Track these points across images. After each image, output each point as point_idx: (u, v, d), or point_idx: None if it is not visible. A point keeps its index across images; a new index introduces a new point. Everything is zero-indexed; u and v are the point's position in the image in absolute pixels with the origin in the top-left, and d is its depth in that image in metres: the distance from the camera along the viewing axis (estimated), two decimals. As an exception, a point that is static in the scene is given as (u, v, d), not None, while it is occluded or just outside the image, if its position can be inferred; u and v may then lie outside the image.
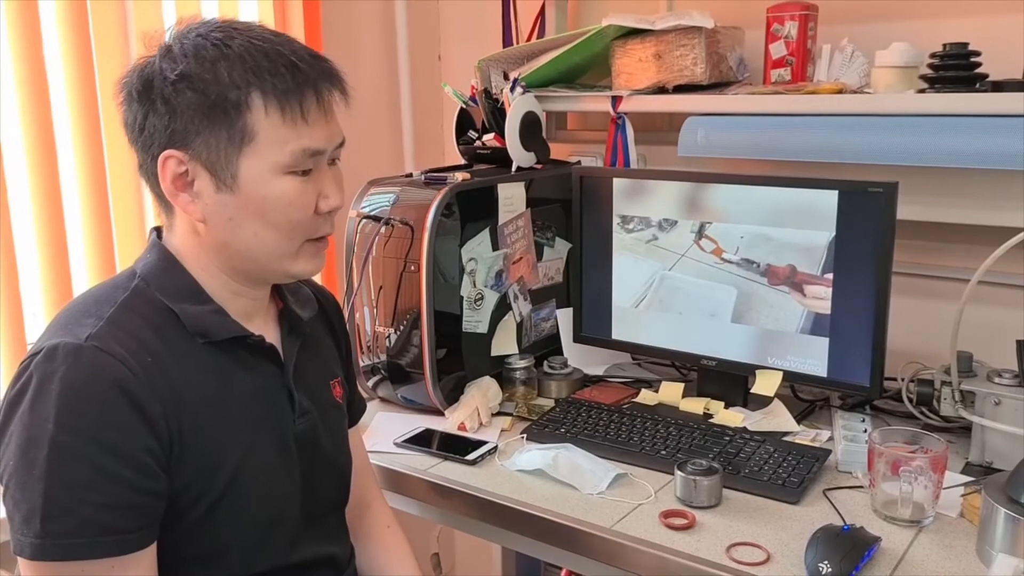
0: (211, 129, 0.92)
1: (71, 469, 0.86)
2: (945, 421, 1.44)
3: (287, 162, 0.94)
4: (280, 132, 0.93)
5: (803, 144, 1.54)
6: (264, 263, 1.00)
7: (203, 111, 0.91)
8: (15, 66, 1.43)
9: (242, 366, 1.01)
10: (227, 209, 0.95)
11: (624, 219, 1.65)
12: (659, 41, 1.66)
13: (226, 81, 0.91)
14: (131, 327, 0.93)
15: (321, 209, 0.99)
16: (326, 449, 1.12)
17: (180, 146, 0.93)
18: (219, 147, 0.92)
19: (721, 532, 1.18)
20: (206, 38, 0.92)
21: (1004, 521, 1.06)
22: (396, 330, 1.55)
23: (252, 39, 0.93)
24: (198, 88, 0.91)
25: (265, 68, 0.91)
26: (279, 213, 0.96)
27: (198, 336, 0.97)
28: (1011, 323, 1.50)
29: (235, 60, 0.91)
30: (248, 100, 0.91)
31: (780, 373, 1.50)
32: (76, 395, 0.87)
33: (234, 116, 0.91)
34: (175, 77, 0.91)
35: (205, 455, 0.95)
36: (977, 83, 1.43)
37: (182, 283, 0.99)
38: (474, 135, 1.80)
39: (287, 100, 0.92)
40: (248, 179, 0.94)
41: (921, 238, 1.60)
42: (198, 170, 0.94)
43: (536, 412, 1.57)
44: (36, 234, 1.49)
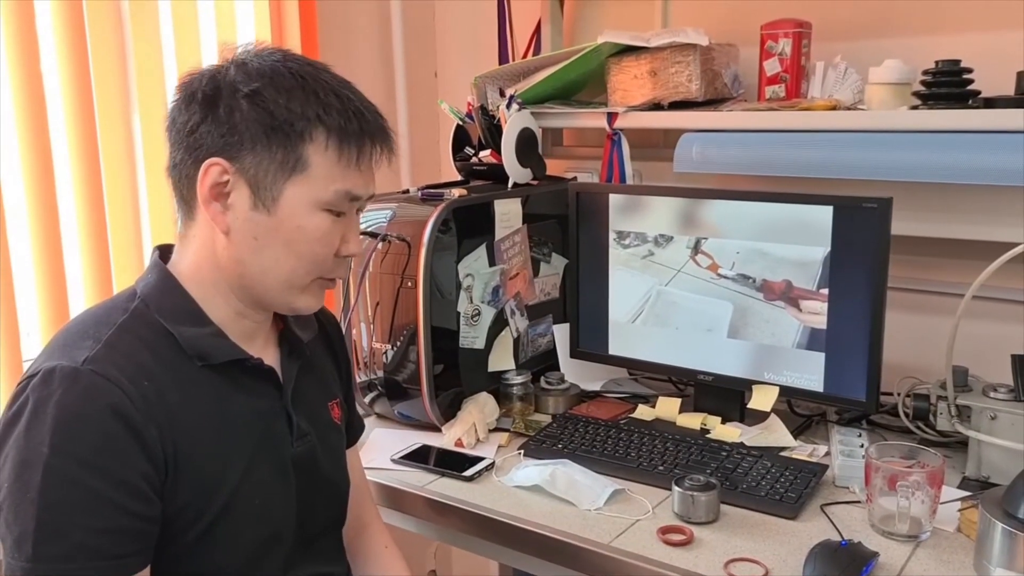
0: (267, 149, 0.94)
1: (64, 493, 0.86)
2: (941, 436, 1.44)
3: (328, 199, 0.97)
4: (332, 170, 0.96)
5: (798, 160, 1.55)
6: (272, 289, 1.00)
7: (265, 130, 0.93)
8: (11, 70, 1.43)
9: (240, 389, 1.01)
10: (256, 228, 0.96)
11: (620, 235, 1.66)
12: (654, 58, 1.68)
13: (297, 110, 0.93)
14: (129, 350, 0.93)
15: (342, 252, 1.01)
16: (324, 471, 1.12)
17: (229, 156, 0.94)
18: (269, 168, 0.94)
19: (719, 548, 1.18)
20: (284, 65, 0.96)
21: (1001, 536, 1.06)
22: (393, 346, 1.55)
23: (329, 79, 0.97)
24: (268, 108, 0.93)
25: (335, 108, 0.95)
26: (306, 245, 0.98)
27: (196, 359, 0.97)
28: (1006, 337, 1.51)
29: (310, 93, 0.94)
30: (312, 132, 0.94)
31: (776, 388, 1.50)
32: (71, 419, 0.87)
33: (295, 142, 0.94)
34: (248, 91, 0.93)
35: (201, 477, 0.95)
36: (970, 100, 1.44)
37: (181, 305, 0.99)
38: (471, 151, 1.81)
39: (347, 142, 0.96)
40: (288, 205, 0.96)
41: (916, 253, 1.61)
42: (239, 184, 0.95)
43: (533, 428, 1.57)
44: (32, 248, 1.49)
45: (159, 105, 1.66)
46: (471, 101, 1.83)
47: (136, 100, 1.63)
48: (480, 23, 2.16)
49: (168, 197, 1.64)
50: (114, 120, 1.59)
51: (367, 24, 2.13)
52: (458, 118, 1.82)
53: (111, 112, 1.58)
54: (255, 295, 1.01)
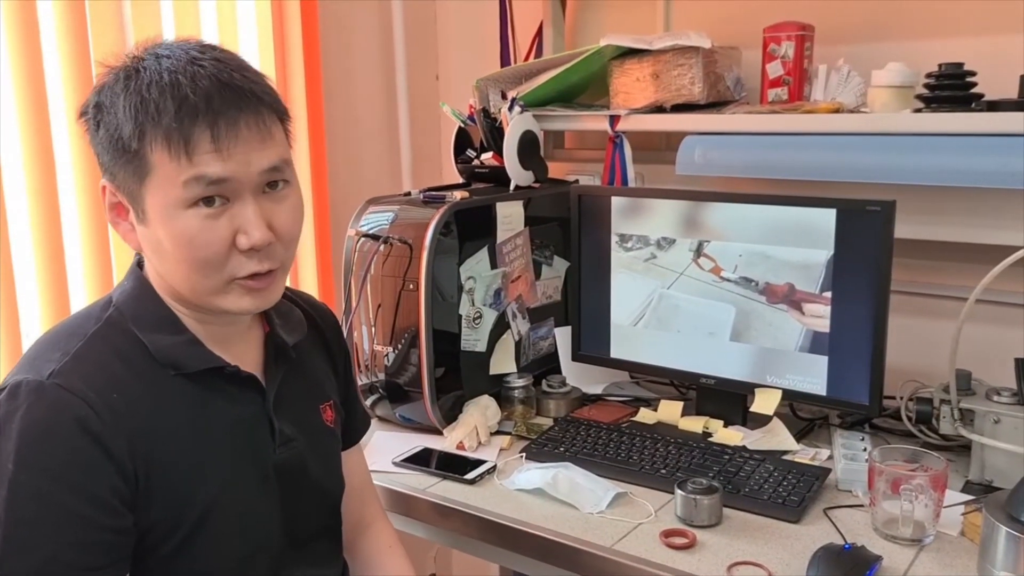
0: (118, 163, 0.91)
1: (32, 508, 0.84)
2: (944, 439, 1.44)
3: (184, 196, 0.89)
4: (170, 167, 0.88)
5: (800, 163, 1.54)
6: (193, 297, 0.96)
7: (110, 144, 0.90)
8: (13, 70, 1.43)
9: (220, 396, 0.98)
10: (150, 242, 0.93)
11: (622, 237, 1.65)
12: (656, 61, 1.67)
13: (122, 116, 0.89)
14: (99, 361, 0.91)
15: (241, 245, 0.91)
16: (313, 476, 1.09)
17: (108, 177, 0.93)
18: (130, 180, 0.91)
19: (722, 551, 1.18)
20: (124, 68, 0.91)
21: (1005, 540, 1.06)
22: (394, 349, 1.55)
23: (161, 67, 0.89)
24: (104, 120, 0.90)
25: (153, 101, 0.88)
26: (187, 250, 0.91)
27: (169, 368, 0.95)
28: (1009, 341, 1.51)
29: (133, 93, 0.88)
30: (140, 136, 0.88)
31: (779, 391, 1.50)
32: (37, 433, 0.86)
33: (132, 152, 0.89)
34: (92, 108, 0.92)
35: (176, 489, 0.93)
36: (973, 103, 1.44)
37: (156, 312, 0.97)
38: (472, 154, 1.81)
39: (170, 136, 0.87)
40: (154, 213, 0.90)
41: (919, 256, 1.61)
42: (125, 201, 0.93)
43: (535, 431, 1.57)
44: (33, 248, 1.48)
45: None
46: (473, 103, 1.83)
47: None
48: (482, 25, 2.16)
49: None
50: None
51: (368, 26, 2.13)
52: (460, 120, 1.82)
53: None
54: (192, 303, 0.97)
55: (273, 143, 0.93)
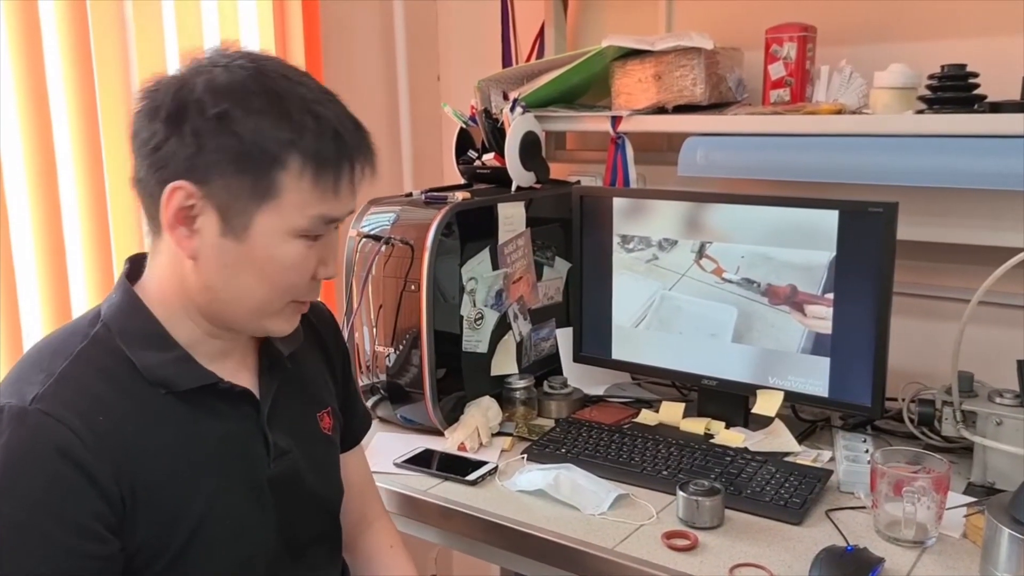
0: (237, 174, 0.87)
1: (14, 539, 0.83)
2: (946, 441, 1.43)
3: (304, 226, 0.91)
4: (307, 197, 0.89)
5: (803, 164, 1.54)
6: (244, 315, 0.95)
7: (234, 156, 0.87)
8: (15, 70, 1.43)
9: (211, 413, 0.96)
10: (226, 256, 0.91)
11: (624, 239, 1.65)
12: (658, 62, 1.67)
13: (268, 135, 0.87)
14: (84, 382, 0.89)
15: (318, 276, 0.96)
16: (309, 485, 1.07)
17: (196, 180, 0.87)
18: (240, 194, 0.88)
19: (724, 553, 1.18)
20: (255, 80, 0.88)
21: (1008, 542, 1.06)
22: (396, 350, 1.55)
23: (305, 95, 0.89)
24: (237, 133, 0.86)
25: (310, 130, 0.88)
26: (280, 274, 0.92)
27: (159, 387, 0.92)
28: (1012, 343, 1.50)
29: (282, 114, 0.87)
30: (285, 158, 0.87)
31: (781, 393, 1.50)
32: (18, 462, 0.84)
33: (266, 169, 0.87)
34: (215, 114, 0.86)
35: (163, 510, 0.91)
36: (975, 104, 1.44)
37: (145, 328, 0.94)
38: (474, 155, 1.81)
39: (324, 168, 0.89)
40: (259, 233, 0.90)
41: (921, 258, 1.61)
42: (207, 209, 0.89)
43: (536, 432, 1.57)
44: (34, 248, 1.48)
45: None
46: (474, 104, 1.83)
47: (139, 101, 1.62)
48: (483, 26, 2.16)
49: None
50: (117, 121, 1.58)
51: (370, 27, 2.13)
52: (461, 121, 1.82)
53: (114, 113, 1.58)
54: (225, 320, 0.96)
55: None
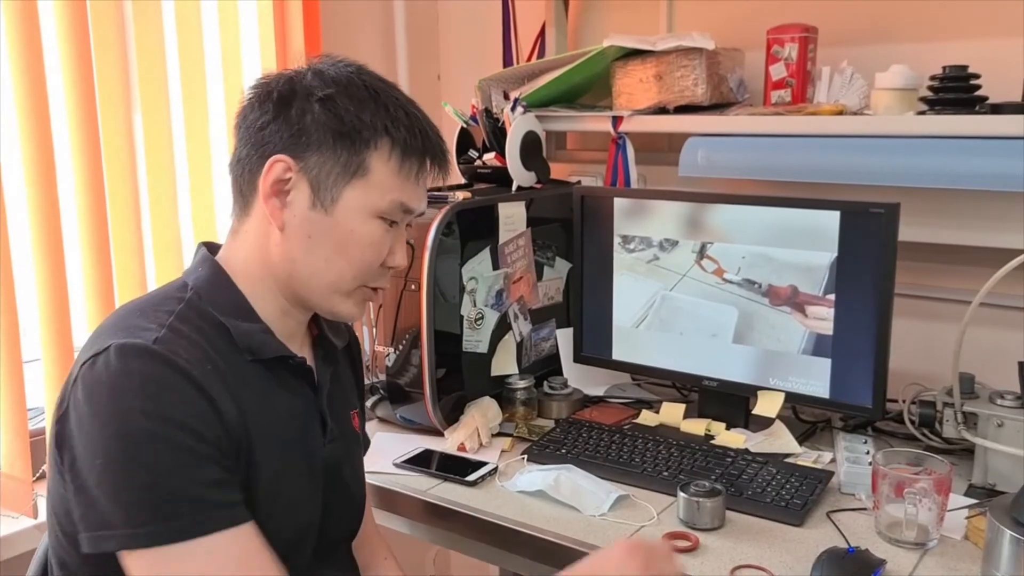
0: (333, 151, 0.97)
1: (170, 453, 0.86)
2: (947, 443, 1.43)
3: (384, 208, 1.00)
4: (391, 180, 0.99)
5: (804, 165, 1.54)
6: (318, 291, 1.02)
7: (333, 133, 0.97)
8: (14, 70, 1.43)
9: (284, 385, 1.02)
10: (312, 227, 0.99)
11: (625, 239, 1.65)
12: (660, 62, 1.67)
13: (366, 119, 0.97)
14: (190, 336, 0.94)
15: (388, 263, 1.04)
16: (346, 477, 1.13)
17: (294, 155, 0.97)
18: (332, 170, 0.97)
19: (725, 554, 1.17)
20: (358, 77, 1.00)
21: (1010, 543, 1.06)
22: (396, 349, 1.54)
23: (397, 96, 1.01)
24: (339, 113, 0.97)
25: (403, 123, 0.99)
26: (358, 249, 1.00)
27: (246, 353, 0.98)
28: (1013, 344, 1.50)
29: (380, 105, 0.98)
30: (378, 141, 0.98)
31: (782, 394, 1.49)
32: (159, 387, 0.88)
33: (360, 148, 0.97)
34: (322, 96, 0.97)
35: (252, 466, 0.96)
36: (976, 105, 1.44)
37: (233, 300, 1.01)
38: (475, 154, 1.80)
39: (410, 155, 1.00)
40: (345, 208, 0.98)
41: (922, 259, 1.61)
42: (301, 182, 0.98)
43: (536, 433, 1.56)
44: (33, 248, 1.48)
45: (161, 105, 1.66)
46: (475, 104, 1.83)
47: (138, 100, 1.62)
48: (484, 26, 2.16)
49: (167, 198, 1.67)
50: (116, 120, 1.58)
51: (370, 26, 2.12)
52: (462, 121, 1.82)
53: (113, 112, 1.58)
54: (301, 295, 1.03)
55: None
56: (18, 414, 1.47)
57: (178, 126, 1.70)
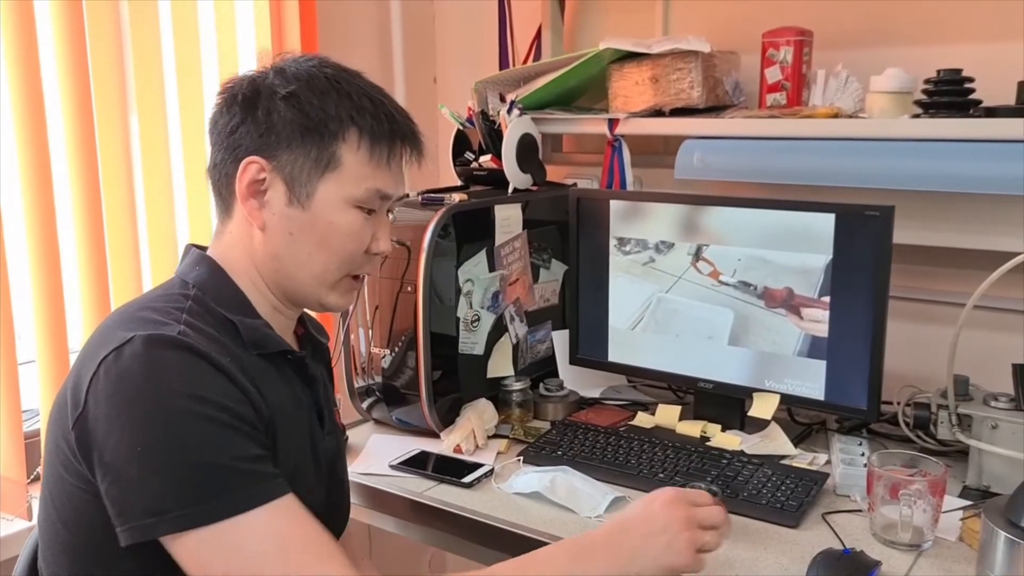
0: (303, 147, 0.98)
1: (212, 432, 0.87)
2: (942, 445, 1.44)
3: (360, 197, 1.01)
4: (364, 169, 1.00)
5: (799, 168, 1.54)
6: (305, 284, 1.04)
7: (301, 129, 0.98)
8: (10, 71, 1.43)
9: (287, 379, 1.04)
10: (291, 223, 1.00)
11: (621, 241, 1.65)
12: (656, 65, 1.68)
13: (331, 111, 0.98)
14: (205, 331, 0.95)
15: (371, 250, 1.04)
16: (339, 469, 1.16)
17: (266, 155, 0.98)
18: (304, 165, 0.98)
19: (720, 556, 1.17)
20: (319, 70, 1.00)
21: (1004, 545, 1.06)
22: (392, 351, 1.54)
23: (362, 83, 1.02)
24: (303, 109, 0.98)
25: (368, 110, 1.00)
26: (338, 240, 1.01)
27: (252, 348, 0.99)
28: (1007, 347, 1.51)
29: (344, 95, 0.99)
30: (345, 132, 0.99)
31: (777, 396, 1.50)
32: (193, 369, 0.89)
33: (328, 141, 0.98)
34: (285, 94, 0.98)
35: (275, 454, 0.96)
36: (971, 109, 1.44)
37: (234, 296, 1.02)
38: (471, 156, 1.81)
39: (379, 142, 1.00)
40: (321, 201, 0.99)
41: (917, 262, 1.61)
42: (276, 181, 0.99)
43: (532, 434, 1.56)
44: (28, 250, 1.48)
45: (158, 107, 1.66)
46: (471, 106, 1.83)
47: (134, 101, 1.62)
48: (480, 28, 2.16)
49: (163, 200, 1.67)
50: (112, 120, 1.58)
51: (367, 28, 2.12)
52: (458, 123, 1.82)
53: (109, 112, 1.57)
54: (288, 291, 1.05)
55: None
56: (13, 416, 1.47)
57: (174, 128, 1.69)
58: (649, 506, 1.00)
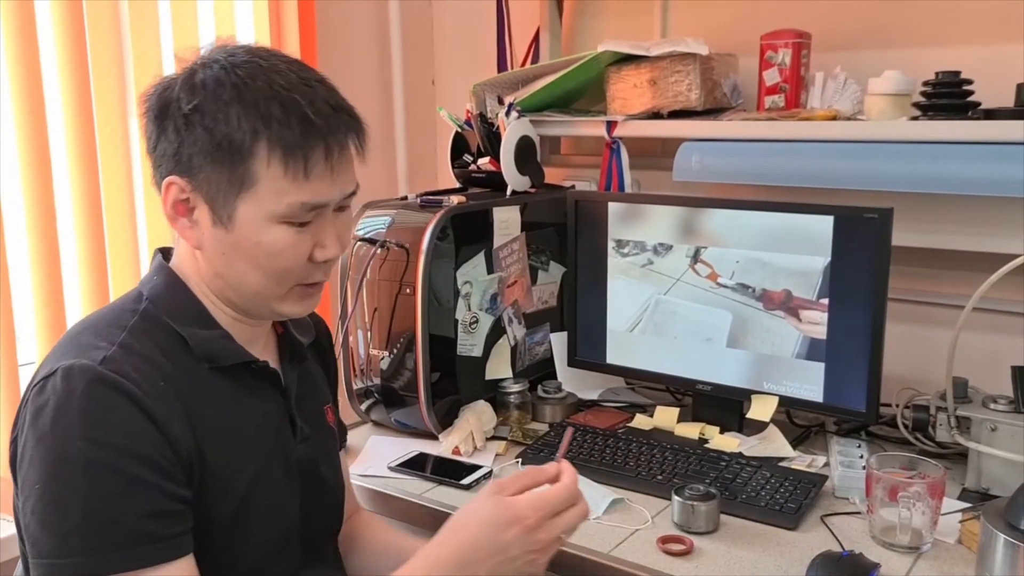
0: (214, 168, 0.91)
1: (108, 483, 0.85)
2: (940, 447, 1.43)
3: (283, 212, 0.92)
4: (280, 184, 0.91)
5: (798, 170, 1.54)
6: (250, 299, 0.99)
7: (209, 149, 0.90)
8: (11, 71, 1.43)
9: (249, 391, 1.01)
10: (221, 244, 0.95)
11: (619, 243, 1.65)
12: (654, 67, 1.68)
13: (234, 125, 0.89)
14: (144, 351, 0.92)
15: (316, 258, 0.97)
16: (325, 475, 1.12)
17: (184, 175, 0.92)
18: (220, 186, 0.91)
19: (720, 558, 1.17)
20: (229, 73, 0.90)
21: (1003, 547, 1.06)
22: (390, 353, 1.54)
23: (274, 83, 0.91)
24: (207, 126, 0.90)
25: (276, 118, 0.89)
26: (268, 260, 0.95)
27: (205, 361, 0.97)
28: (1006, 349, 1.51)
29: (249, 105, 0.89)
30: (253, 148, 0.90)
31: (776, 398, 1.50)
32: (101, 411, 0.86)
33: (237, 160, 0.90)
34: (188, 110, 0.90)
35: (220, 476, 0.94)
36: (969, 111, 1.45)
37: (190, 307, 0.99)
38: (469, 159, 1.81)
39: (291, 154, 0.90)
40: (243, 222, 0.93)
41: (915, 264, 1.61)
42: (199, 201, 0.93)
43: (531, 436, 1.56)
44: (29, 251, 1.48)
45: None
46: (470, 108, 1.83)
47: (134, 102, 1.62)
48: (478, 30, 2.16)
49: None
50: (112, 120, 1.58)
51: (365, 30, 2.12)
52: (457, 125, 1.82)
53: (109, 112, 1.58)
54: (238, 305, 1.00)
55: (355, 164, 0.98)
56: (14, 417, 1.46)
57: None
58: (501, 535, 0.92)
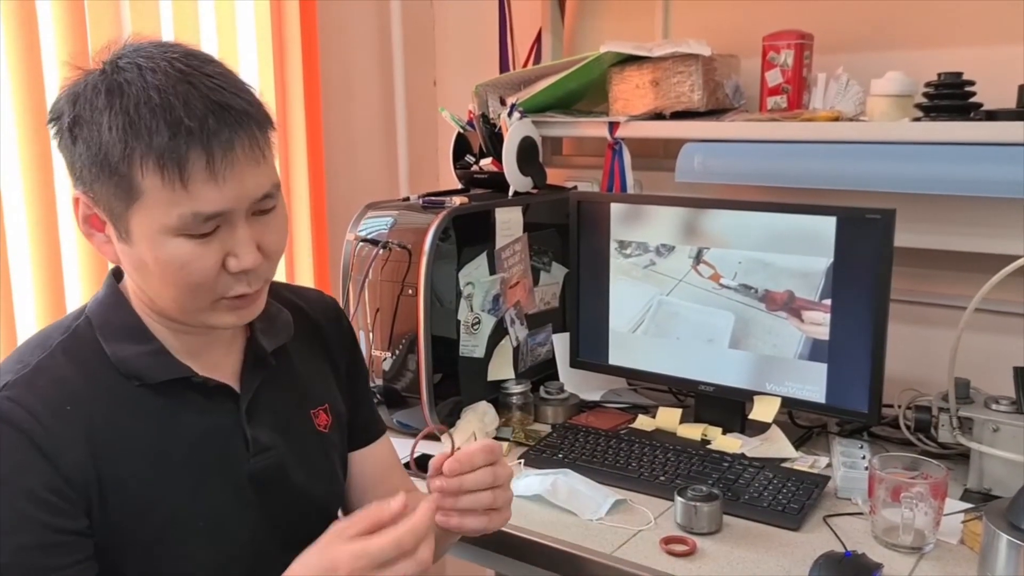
0: (102, 182, 0.86)
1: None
2: (942, 448, 1.43)
3: (175, 225, 0.85)
4: (163, 194, 0.84)
5: (800, 171, 1.55)
6: (176, 313, 0.94)
7: (92, 164, 0.85)
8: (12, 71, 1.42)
9: (188, 407, 0.96)
10: (129, 259, 0.90)
11: (621, 244, 1.65)
12: (656, 68, 1.68)
13: (108, 135, 0.83)
14: (58, 373, 0.90)
15: (230, 268, 0.89)
16: (297, 483, 1.04)
17: (84, 190, 0.88)
18: (113, 200, 0.86)
19: (722, 558, 1.18)
20: (108, 76, 0.85)
21: (1006, 548, 1.06)
22: (393, 354, 1.54)
23: (149, 84, 0.83)
24: (86, 138, 0.85)
25: (144, 125, 0.82)
26: (173, 274, 0.88)
27: (133, 379, 0.93)
28: (1008, 350, 1.51)
29: (120, 113, 0.83)
30: (129, 158, 0.83)
31: (778, 399, 1.50)
32: None
33: (120, 173, 0.84)
34: (69, 122, 0.86)
35: (135, 498, 0.90)
36: (971, 112, 1.45)
37: (126, 321, 0.95)
38: (471, 159, 1.81)
39: (164, 162, 0.83)
40: (139, 236, 0.87)
41: (918, 265, 1.61)
42: (104, 215, 0.89)
43: (533, 437, 1.56)
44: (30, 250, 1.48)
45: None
46: (472, 109, 1.83)
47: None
48: (480, 31, 2.16)
49: None
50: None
51: (367, 31, 2.13)
52: (459, 126, 1.82)
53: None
54: (169, 317, 0.95)
55: (265, 164, 0.89)
56: None
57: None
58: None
